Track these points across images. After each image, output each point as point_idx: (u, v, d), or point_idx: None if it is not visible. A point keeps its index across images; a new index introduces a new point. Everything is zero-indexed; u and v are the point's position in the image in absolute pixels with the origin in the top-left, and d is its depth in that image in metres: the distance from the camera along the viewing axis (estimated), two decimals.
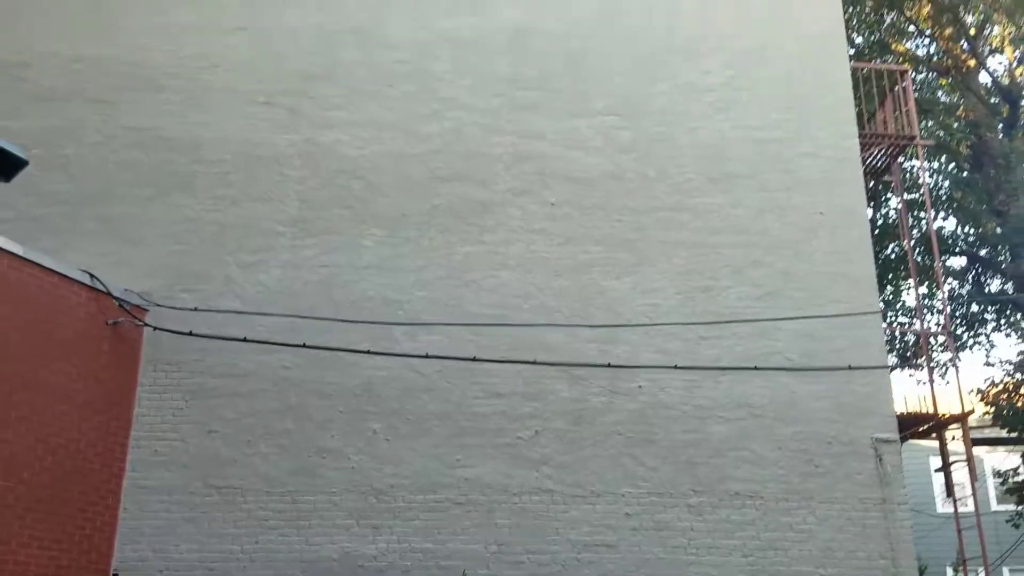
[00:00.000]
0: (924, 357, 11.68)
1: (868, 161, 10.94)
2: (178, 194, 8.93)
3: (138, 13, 9.57)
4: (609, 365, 8.56)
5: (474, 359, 8.55)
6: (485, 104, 9.50)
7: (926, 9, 17.65)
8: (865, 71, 11.34)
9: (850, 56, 11.11)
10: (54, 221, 8.69)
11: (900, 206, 12.98)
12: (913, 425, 9.96)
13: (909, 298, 18.48)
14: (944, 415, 9.78)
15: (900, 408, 9.73)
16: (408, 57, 9.57)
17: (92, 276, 7.63)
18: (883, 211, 18.39)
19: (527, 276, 8.92)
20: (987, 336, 17.95)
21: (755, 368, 8.58)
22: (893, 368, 10.90)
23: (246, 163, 9.09)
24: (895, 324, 18.04)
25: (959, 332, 17.78)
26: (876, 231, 17.73)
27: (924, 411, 10.03)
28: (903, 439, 9.21)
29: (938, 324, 17.84)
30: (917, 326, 15.19)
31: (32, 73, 9.30)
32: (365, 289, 8.79)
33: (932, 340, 16.56)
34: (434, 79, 9.54)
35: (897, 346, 17.27)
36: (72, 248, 8.44)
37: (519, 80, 9.61)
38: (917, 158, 12.23)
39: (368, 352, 8.49)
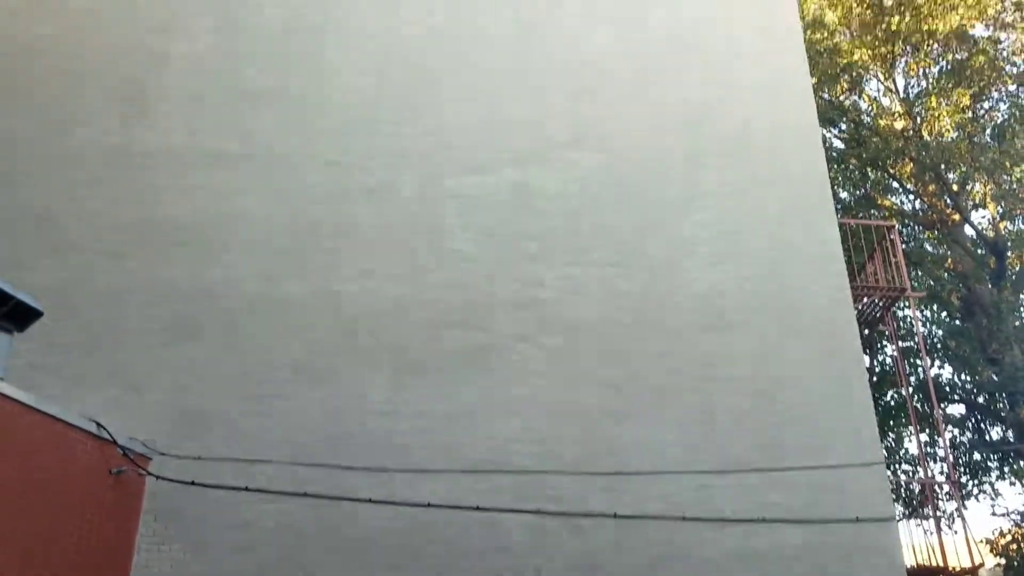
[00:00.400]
0: (930, 507, 11.57)
1: (862, 311, 11.21)
2: (187, 341, 9.07)
3: (156, 173, 9.98)
4: (616, 516, 8.48)
5: (477, 508, 8.47)
6: (488, 255, 9.82)
7: (909, 167, 18.47)
8: (853, 228, 11.79)
9: (837, 210, 11.57)
10: (63, 369, 8.79)
11: (896, 354, 13.18)
12: None
13: (911, 445, 18.40)
14: (955, 568, 9.60)
15: (909, 560, 9.55)
16: (415, 212, 9.97)
17: (98, 425, 7.65)
18: (880, 358, 18.58)
19: (530, 421, 8.97)
20: (992, 485, 17.76)
21: (763, 520, 8.49)
22: (900, 519, 10.77)
23: (255, 310, 9.29)
24: (899, 472, 17.85)
25: (963, 480, 17.60)
26: (874, 378, 17.88)
27: (934, 564, 9.84)
28: None
29: (942, 472, 17.67)
30: (921, 474, 15.05)
31: (48, 226, 9.59)
32: (369, 434, 8.80)
33: (937, 489, 16.36)
34: (440, 232, 9.90)
35: (903, 495, 17.06)
36: (79, 396, 8.49)
37: (521, 233, 9.97)
38: (910, 308, 12.49)
39: (370, 501, 8.41)
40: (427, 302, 9.50)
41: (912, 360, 17.86)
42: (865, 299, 11.48)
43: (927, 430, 17.77)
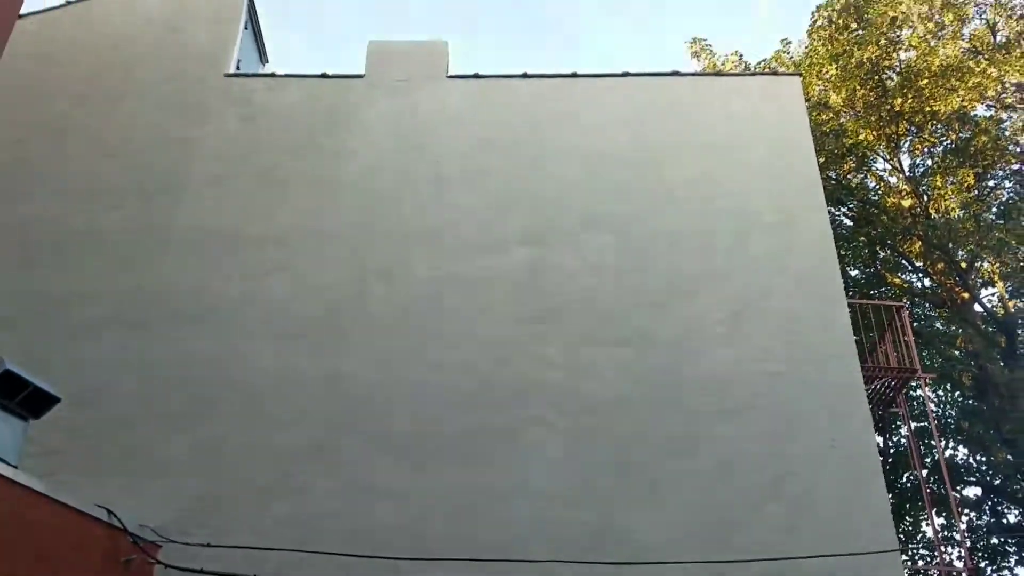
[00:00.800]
0: None
1: (873, 393, 11.18)
2: (201, 424, 9.10)
3: (182, 253, 10.22)
4: None
5: None
6: (498, 336, 9.87)
7: (917, 245, 18.59)
8: (863, 306, 11.83)
9: (848, 287, 11.63)
10: (76, 454, 8.82)
11: (910, 436, 13.08)
12: None
13: (929, 530, 18.11)
14: None
15: None
16: (428, 293, 10.08)
17: (110, 512, 7.63)
18: (894, 439, 18.41)
19: (543, 507, 8.88)
20: (1010, 570, 17.39)
21: None
22: None
23: (270, 392, 9.35)
24: (917, 559, 17.52)
25: (981, 566, 17.26)
26: (889, 460, 17.69)
27: None
28: None
29: (959, 558, 17.33)
30: (938, 560, 14.78)
31: (73, 308, 9.77)
32: (378, 519, 8.73)
33: None
34: (451, 313, 9.98)
35: None
36: (92, 481, 8.47)
37: (530, 314, 10.03)
38: (922, 389, 12.45)
39: None
40: (438, 384, 9.52)
41: (926, 441, 17.70)
42: (877, 380, 11.46)
43: (944, 514, 17.51)
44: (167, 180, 10.74)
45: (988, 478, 17.97)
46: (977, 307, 18.98)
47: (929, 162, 19.91)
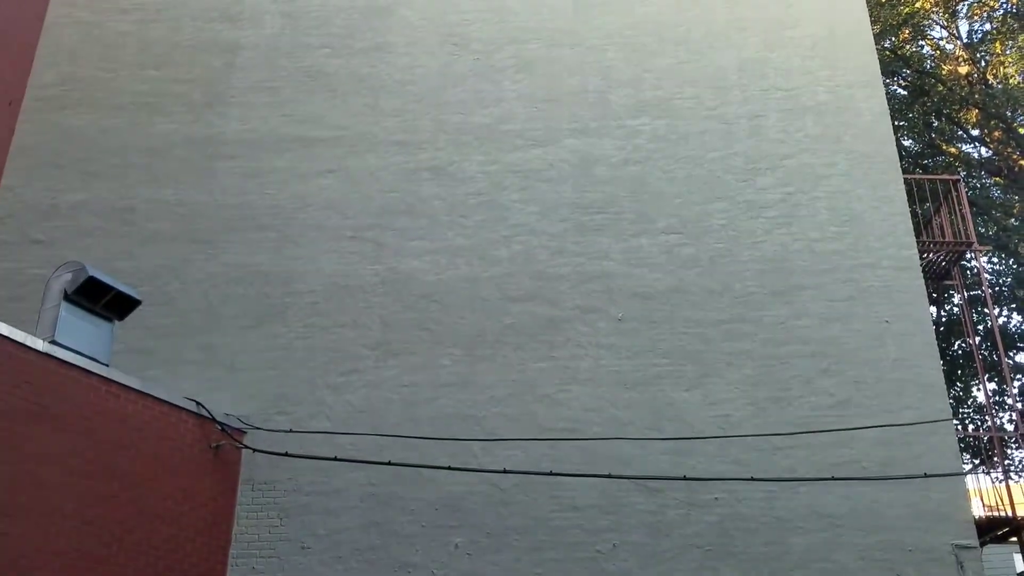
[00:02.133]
0: (999, 458, 11.60)
1: (928, 265, 11.18)
2: (273, 323, 9.57)
3: (236, 161, 10.48)
4: (685, 478, 8.75)
5: (550, 473, 8.82)
6: (552, 228, 10.05)
7: (974, 114, 18.05)
8: (918, 181, 11.68)
9: (902, 159, 11.44)
10: (161, 352, 9.37)
11: (963, 304, 13.11)
12: (993, 529, 9.88)
13: (980, 395, 18.28)
14: (1022, 518, 9.71)
15: (978, 512, 9.68)
16: (481, 189, 10.24)
17: (198, 404, 8.19)
18: (947, 308, 18.39)
19: (598, 390, 9.25)
20: None
21: (832, 479, 8.70)
22: (967, 473, 10.82)
23: (334, 293, 9.73)
24: (968, 423, 17.78)
25: None
26: (941, 328, 17.74)
27: (1003, 514, 9.95)
28: (983, 543, 9.15)
29: (1011, 421, 17.55)
30: (989, 424, 14.99)
31: (139, 217, 10.18)
32: (444, 407, 9.21)
33: (1006, 439, 16.29)
34: (504, 208, 10.15)
35: (971, 445, 17.02)
36: (178, 376, 9.08)
37: (583, 204, 10.17)
38: (976, 261, 12.40)
39: (448, 468, 8.83)
40: (494, 277, 9.80)
41: (980, 309, 17.68)
42: (931, 254, 11.44)
43: (995, 379, 17.63)
44: (215, 89, 10.88)
45: None
46: None
47: (988, 27, 19.07)
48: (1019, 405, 17.06)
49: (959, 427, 17.47)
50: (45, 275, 8.23)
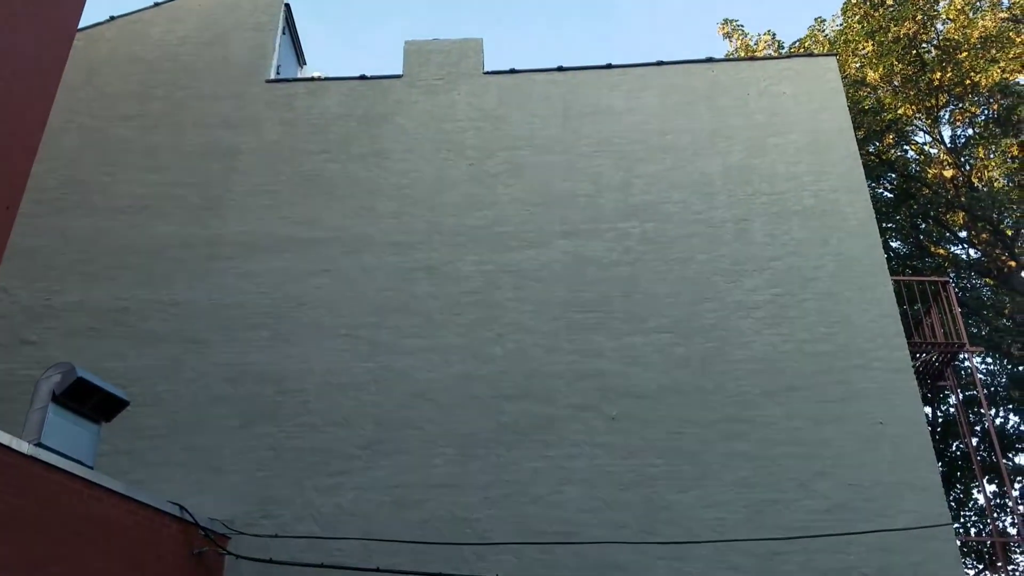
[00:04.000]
0: (1002, 562, 11.36)
1: (921, 366, 11.19)
2: (263, 423, 9.49)
3: (232, 261, 10.60)
4: None
5: None
6: (545, 327, 10.10)
7: (961, 216, 18.41)
8: (907, 282, 11.81)
9: (890, 261, 11.59)
10: (147, 454, 9.26)
11: (958, 406, 13.07)
12: None
13: (980, 496, 18.03)
14: None
15: None
16: (475, 287, 10.34)
17: (182, 508, 8.03)
18: (942, 409, 18.32)
19: (593, 491, 9.11)
20: None
21: None
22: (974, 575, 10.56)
23: (326, 391, 9.69)
24: (969, 527, 17.46)
25: None
26: (938, 429, 17.62)
27: None
28: None
29: (1013, 524, 17.23)
30: (991, 528, 14.72)
31: (132, 318, 10.22)
32: (435, 508, 9.04)
33: (1009, 544, 15.97)
34: (497, 306, 10.23)
35: (973, 550, 16.66)
36: (162, 478, 8.94)
37: (576, 303, 10.25)
38: (970, 361, 12.43)
39: (439, 575, 8.60)
40: (488, 375, 9.78)
41: (976, 410, 17.60)
42: (924, 355, 11.48)
43: (995, 481, 17.41)
44: (214, 192, 11.11)
45: None
46: None
47: (970, 132, 19.66)
48: (1021, 508, 16.79)
49: (960, 531, 17.14)
50: (36, 376, 8.20)
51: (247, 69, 12.19)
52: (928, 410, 17.54)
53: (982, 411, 16.91)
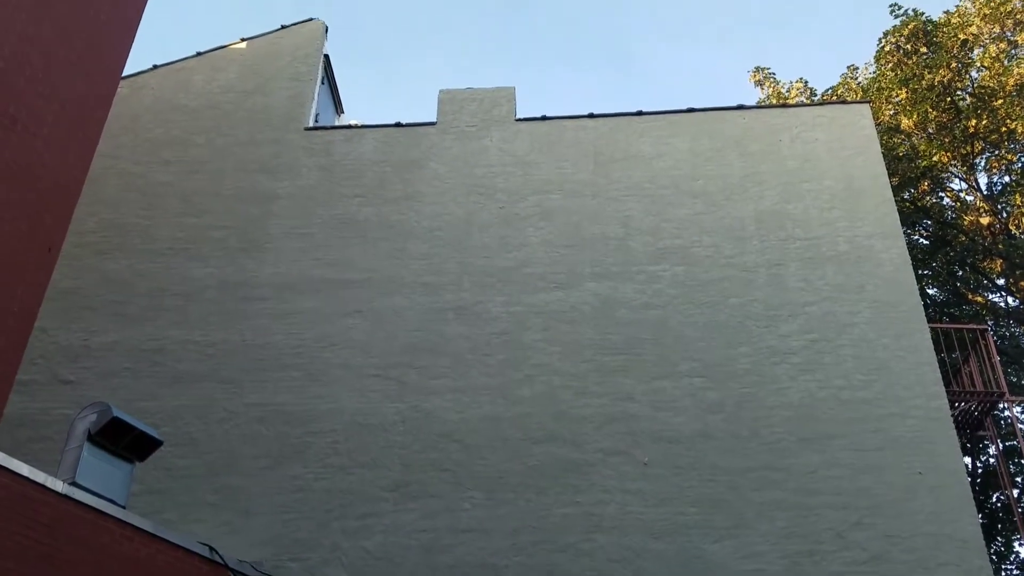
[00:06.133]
0: None
1: (960, 415, 10.95)
2: (291, 464, 9.50)
3: (266, 303, 10.73)
4: None
5: None
6: (574, 369, 10.05)
7: (999, 263, 18.13)
8: (946, 330, 11.62)
9: (927, 308, 11.43)
10: (177, 494, 9.30)
11: (999, 456, 12.75)
12: None
13: (1022, 550, 17.50)
14: None
15: None
16: (504, 328, 10.34)
17: (211, 549, 8.01)
18: (982, 459, 17.88)
19: (623, 539, 8.96)
20: None
21: None
22: None
23: (354, 431, 9.70)
24: None
25: None
26: (978, 480, 17.17)
27: None
28: None
29: None
30: None
31: (167, 358, 10.34)
32: (463, 554, 8.94)
33: None
34: (526, 348, 10.21)
35: None
36: (192, 519, 8.96)
37: (605, 346, 10.20)
38: (1010, 411, 12.15)
39: None
40: (517, 417, 9.74)
41: (1017, 460, 17.15)
42: (962, 404, 11.24)
43: None
44: (251, 235, 11.29)
45: None
46: None
47: (1007, 179, 19.46)
48: None
49: None
50: (71, 415, 8.30)
51: (286, 117, 12.44)
52: (968, 460, 17.11)
53: (1023, 461, 16.48)
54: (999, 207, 19.24)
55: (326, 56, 13.56)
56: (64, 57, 7.98)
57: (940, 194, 20.09)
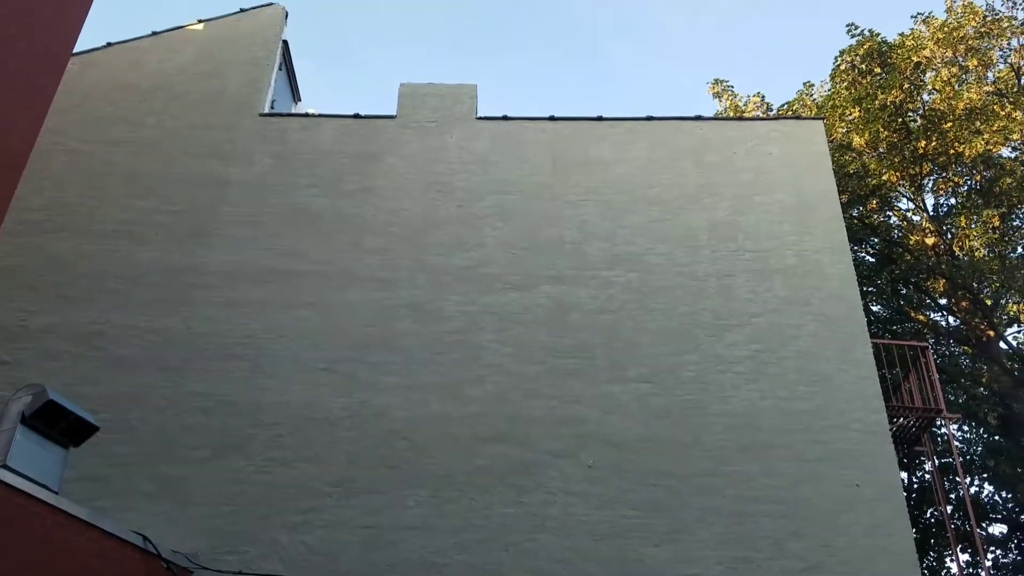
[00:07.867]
0: None
1: (898, 430, 11.19)
2: (233, 456, 9.33)
3: (214, 291, 10.51)
4: None
5: None
6: (526, 370, 10.04)
7: (941, 283, 18.60)
8: (887, 345, 11.87)
9: (870, 324, 11.67)
10: (113, 482, 9.06)
11: (934, 472, 13.06)
12: None
13: (953, 565, 17.95)
14: None
15: None
16: (457, 327, 10.30)
17: (145, 538, 7.84)
18: (918, 474, 18.31)
19: (566, 541, 8.97)
20: None
21: None
22: None
23: (300, 425, 9.56)
24: None
25: None
26: (913, 495, 17.58)
27: None
28: None
29: None
30: None
31: (108, 343, 10.08)
32: (405, 551, 8.86)
33: None
34: (479, 348, 10.18)
35: None
36: (128, 508, 8.74)
37: (558, 349, 10.21)
38: (947, 428, 12.46)
39: None
40: (467, 417, 9.69)
41: (951, 477, 17.60)
42: (901, 419, 11.49)
43: (969, 550, 17.35)
44: (200, 220, 11.05)
45: (1014, 515, 17.83)
46: (1003, 345, 18.93)
47: (953, 201, 19.99)
48: None
49: None
50: (6, 396, 8.05)
51: (241, 102, 12.23)
52: (904, 475, 17.52)
53: (957, 479, 16.92)
54: (944, 228, 19.75)
55: (285, 42, 13.37)
56: (13, 31, 7.73)
57: (888, 213, 20.55)
